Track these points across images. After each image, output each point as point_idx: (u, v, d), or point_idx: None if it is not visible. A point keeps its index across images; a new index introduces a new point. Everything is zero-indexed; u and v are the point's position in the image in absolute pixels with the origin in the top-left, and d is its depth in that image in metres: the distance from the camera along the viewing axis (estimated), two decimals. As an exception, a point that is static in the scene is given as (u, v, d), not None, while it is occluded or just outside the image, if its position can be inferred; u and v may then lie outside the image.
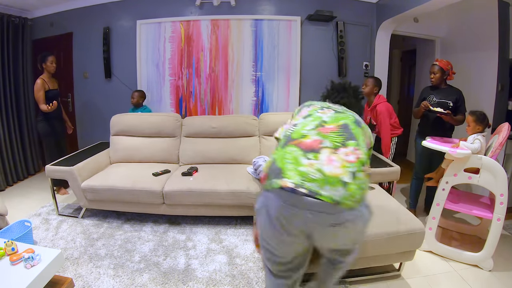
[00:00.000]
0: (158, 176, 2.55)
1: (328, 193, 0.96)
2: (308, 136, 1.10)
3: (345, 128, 1.13)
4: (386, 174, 2.38)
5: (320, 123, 1.15)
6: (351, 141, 1.08)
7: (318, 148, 1.04)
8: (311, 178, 0.98)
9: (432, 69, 2.47)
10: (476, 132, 2.07)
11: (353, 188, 0.98)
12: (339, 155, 1.03)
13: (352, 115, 1.24)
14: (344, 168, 1.00)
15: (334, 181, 0.97)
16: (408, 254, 1.79)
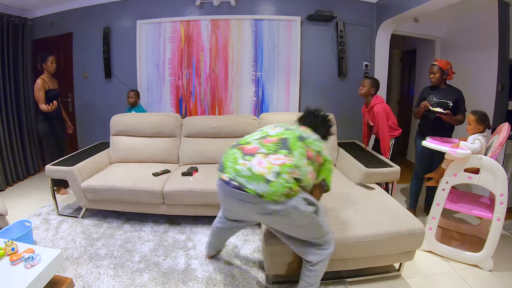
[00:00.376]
0: (158, 176, 2.56)
1: (253, 187, 1.24)
2: (250, 143, 1.41)
3: (283, 141, 1.39)
4: (386, 174, 2.39)
5: (265, 135, 1.46)
6: (283, 150, 1.34)
7: (254, 153, 1.33)
8: (242, 174, 1.27)
9: (431, 69, 2.47)
10: (476, 132, 2.06)
11: (276, 185, 1.24)
12: (268, 159, 1.30)
13: (299, 132, 1.48)
14: (269, 169, 1.26)
15: (259, 178, 1.25)
16: (408, 254, 1.79)
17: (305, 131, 1.55)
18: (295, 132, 1.47)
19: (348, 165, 2.63)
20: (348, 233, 1.65)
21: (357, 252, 1.67)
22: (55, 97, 2.93)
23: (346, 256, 1.68)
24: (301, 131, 1.52)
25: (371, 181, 2.36)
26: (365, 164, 2.40)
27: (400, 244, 1.71)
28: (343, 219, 1.77)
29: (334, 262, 1.65)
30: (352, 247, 1.64)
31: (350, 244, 1.63)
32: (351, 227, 1.69)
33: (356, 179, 2.40)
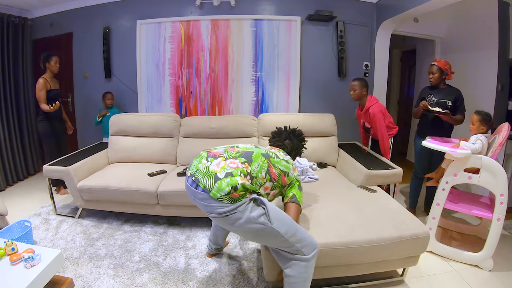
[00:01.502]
0: (153, 176, 2.55)
1: (203, 182, 1.33)
2: (217, 149, 1.52)
3: (247, 153, 1.48)
4: (388, 176, 2.33)
5: (233, 146, 1.57)
6: (242, 159, 1.43)
7: (217, 156, 1.43)
8: (200, 171, 1.38)
9: (430, 69, 2.47)
10: (479, 132, 2.06)
11: (221, 182, 1.30)
12: (226, 162, 1.39)
13: (266, 151, 1.57)
14: (222, 169, 1.35)
15: (211, 175, 1.34)
16: (412, 259, 1.73)
17: (274, 152, 1.61)
18: (262, 150, 1.55)
19: (349, 166, 2.59)
20: (351, 238, 1.60)
21: (359, 258, 1.62)
22: (56, 97, 2.93)
23: (348, 262, 1.63)
24: (269, 151, 1.59)
25: (372, 183, 2.30)
26: (366, 166, 2.36)
27: (403, 249, 1.64)
28: (345, 223, 1.71)
29: (335, 268, 1.63)
30: (355, 252, 1.58)
31: (352, 250, 1.57)
32: (353, 232, 1.64)
33: (358, 181, 2.35)
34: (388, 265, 1.73)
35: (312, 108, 3.47)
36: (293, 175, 1.60)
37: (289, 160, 1.64)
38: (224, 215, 1.31)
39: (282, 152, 1.68)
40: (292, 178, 1.59)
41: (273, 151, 1.63)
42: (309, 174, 2.44)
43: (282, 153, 1.65)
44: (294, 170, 1.63)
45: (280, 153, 1.64)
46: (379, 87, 3.54)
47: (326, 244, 1.55)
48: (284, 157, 1.62)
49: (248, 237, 1.56)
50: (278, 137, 1.83)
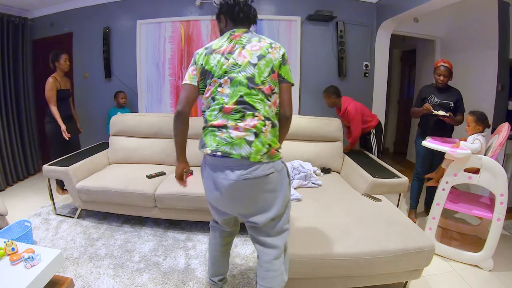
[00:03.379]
0: (152, 178, 2.53)
1: (237, 152, 1.19)
2: (217, 119, 1.27)
3: (241, 102, 1.24)
4: (394, 185, 2.24)
5: (221, 105, 1.27)
6: (248, 113, 1.23)
7: (225, 125, 1.24)
8: (223, 143, 1.21)
9: (441, 71, 2.39)
10: (476, 132, 2.07)
11: (256, 144, 1.20)
12: (241, 125, 1.22)
13: (244, 71, 1.26)
14: (246, 131, 1.21)
15: (240, 142, 1.20)
16: (415, 272, 1.67)
17: (244, 44, 1.29)
18: (240, 75, 1.25)
19: (353, 173, 2.50)
20: (352, 250, 1.55)
21: (361, 270, 1.57)
22: (66, 97, 2.89)
23: (348, 274, 1.58)
24: (241, 56, 1.27)
25: (377, 192, 2.22)
26: (372, 174, 2.28)
27: (407, 262, 1.58)
28: (346, 233, 1.66)
29: (336, 280, 1.60)
30: (356, 264, 1.54)
31: (354, 262, 1.53)
32: (355, 243, 1.59)
33: (362, 189, 2.27)
34: (390, 278, 1.67)
35: (311, 108, 3.47)
36: (280, 52, 1.31)
37: (258, 39, 1.32)
38: (263, 176, 1.22)
39: (242, 31, 1.34)
40: (284, 57, 1.32)
41: (240, 39, 1.31)
42: (312, 180, 2.41)
43: (245, 34, 1.33)
44: (275, 50, 1.30)
45: (246, 36, 1.32)
46: (379, 87, 3.54)
47: (326, 255, 1.52)
48: (256, 43, 1.30)
49: (266, 200, 1.29)
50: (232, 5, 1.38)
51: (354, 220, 1.81)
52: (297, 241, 1.59)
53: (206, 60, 1.31)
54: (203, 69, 1.31)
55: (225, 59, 1.28)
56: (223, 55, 1.29)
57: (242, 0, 1.38)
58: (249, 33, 1.36)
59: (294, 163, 2.54)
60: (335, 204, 2.04)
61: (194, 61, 1.35)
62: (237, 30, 1.35)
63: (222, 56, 1.28)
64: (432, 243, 1.62)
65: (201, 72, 1.32)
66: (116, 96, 3.38)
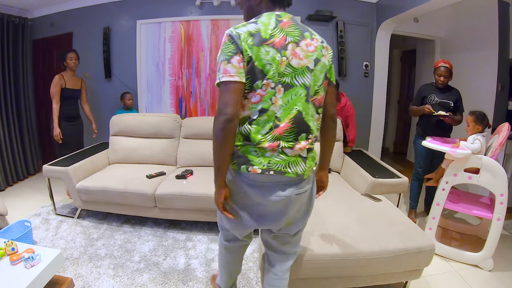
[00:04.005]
0: (152, 178, 2.53)
1: (292, 170, 1.07)
2: (265, 141, 1.11)
3: (296, 120, 1.07)
4: (394, 185, 2.25)
5: (273, 123, 1.06)
6: (302, 135, 1.08)
7: (279, 147, 1.08)
8: (277, 161, 1.06)
9: (442, 72, 2.40)
10: (475, 132, 2.07)
11: (308, 161, 1.11)
12: (297, 146, 1.08)
13: (303, 78, 1.06)
14: (301, 150, 1.08)
15: (295, 159, 1.07)
16: (415, 272, 1.66)
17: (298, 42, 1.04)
18: (298, 83, 1.04)
19: (353, 173, 2.50)
20: (353, 250, 1.55)
21: (362, 270, 1.57)
22: (72, 97, 2.88)
23: (349, 274, 1.58)
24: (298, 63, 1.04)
25: (377, 192, 2.22)
26: (372, 174, 2.28)
27: (407, 261, 1.58)
28: (347, 233, 1.66)
29: (336, 280, 1.60)
30: (356, 264, 1.53)
31: (354, 262, 1.53)
32: (355, 243, 1.58)
33: (362, 189, 2.27)
34: (390, 278, 1.66)
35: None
36: (328, 50, 1.13)
37: (312, 38, 1.08)
38: (308, 191, 1.16)
39: (290, 20, 1.06)
40: (331, 58, 1.14)
41: (290, 31, 1.04)
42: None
43: (296, 28, 1.06)
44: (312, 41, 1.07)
45: (298, 32, 1.05)
46: (379, 87, 3.54)
47: (326, 255, 1.52)
48: (310, 41, 1.06)
49: (307, 220, 1.26)
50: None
51: (354, 220, 1.81)
52: (297, 241, 1.59)
53: (257, 53, 0.97)
54: (251, 64, 0.98)
55: (280, 56, 1.00)
56: (278, 50, 1.00)
57: None
58: (295, 20, 1.08)
59: None
60: (335, 204, 2.04)
61: (238, 48, 0.97)
62: (283, 14, 1.06)
63: (277, 52, 0.99)
64: (432, 243, 1.62)
65: (249, 68, 0.99)
66: (123, 97, 3.32)
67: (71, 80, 2.88)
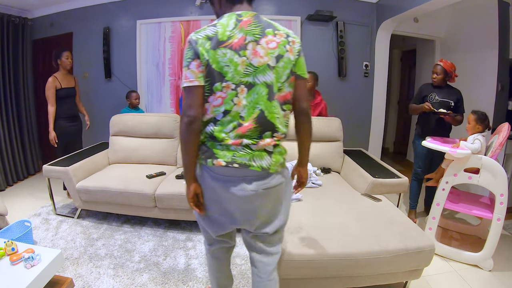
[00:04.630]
0: (152, 178, 2.53)
1: (257, 163, 1.07)
2: (228, 139, 1.14)
3: (260, 118, 1.07)
4: (394, 185, 2.23)
5: (237, 122, 1.07)
6: (267, 133, 1.09)
7: (242, 143, 1.08)
8: (240, 154, 1.06)
9: (435, 69, 2.44)
10: (475, 131, 2.07)
11: (277, 156, 1.11)
12: (261, 143, 1.08)
13: (261, 77, 1.06)
14: (267, 145, 1.08)
15: (260, 153, 1.07)
16: (416, 272, 1.66)
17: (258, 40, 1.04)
18: (259, 82, 1.05)
19: (354, 173, 2.49)
20: (352, 249, 1.54)
21: (362, 270, 1.56)
22: (69, 96, 2.87)
23: (349, 274, 1.58)
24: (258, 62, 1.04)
25: (377, 192, 2.21)
26: (372, 174, 2.27)
27: (407, 262, 1.58)
28: (347, 233, 1.66)
29: (336, 280, 1.60)
30: (356, 264, 1.53)
31: (354, 261, 1.52)
32: (355, 243, 1.58)
33: (362, 189, 2.26)
34: (390, 278, 1.66)
35: (312, 108, 3.48)
36: (298, 44, 1.15)
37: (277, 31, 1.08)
38: (278, 186, 1.13)
39: (252, 16, 1.08)
40: (299, 53, 1.15)
41: (252, 29, 1.04)
42: (312, 180, 2.41)
43: (257, 24, 1.06)
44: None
45: (259, 27, 1.06)
46: (379, 87, 3.54)
47: (326, 255, 1.51)
48: (276, 36, 1.07)
49: (285, 219, 1.24)
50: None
51: (354, 220, 1.81)
52: (297, 241, 1.59)
53: (214, 57, 1.01)
54: (209, 67, 1.03)
55: (238, 56, 1.01)
56: (236, 51, 1.01)
57: None
58: (258, 17, 1.08)
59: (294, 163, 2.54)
60: (335, 204, 2.04)
61: (195, 53, 1.04)
62: (244, 13, 1.07)
63: (235, 54, 1.01)
64: (432, 243, 1.62)
65: (208, 71, 1.03)
66: (129, 96, 3.27)
67: (65, 79, 2.86)
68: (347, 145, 3.31)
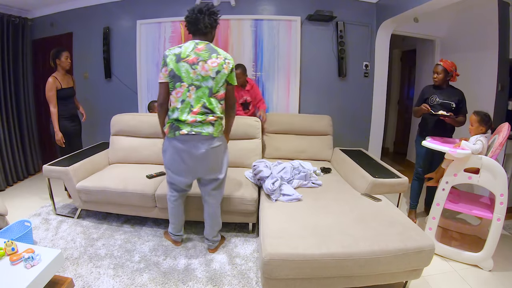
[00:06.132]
0: (152, 178, 2.53)
1: (206, 130, 1.76)
2: (185, 124, 1.82)
3: (204, 108, 1.77)
4: (394, 185, 2.24)
5: (188, 109, 1.77)
6: (209, 115, 1.77)
7: (197, 114, 1.77)
8: (196, 125, 1.75)
9: (435, 69, 2.44)
10: (479, 133, 2.06)
11: (216, 125, 1.80)
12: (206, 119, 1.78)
13: (205, 83, 1.75)
14: (212, 118, 1.79)
15: (207, 123, 1.77)
16: (415, 272, 1.67)
17: (206, 59, 1.71)
18: (203, 85, 1.73)
19: (353, 173, 2.49)
20: (352, 249, 1.55)
21: (362, 270, 1.56)
22: (68, 96, 2.86)
23: (350, 273, 1.57)
24: (204, 72, 1.72)
25: (377, 192, 2.22)
26: (372, 174, 2.28)
27: (407, 261, 1.58)
28: (347, 233, 1.66)
29: (335, 280, 1.60)
30: (356, 264, 1.53)
31: (353, 261, 1.53)
32: (355, 243, 1.58)
33: (362, 189, 2.27)
34: (390, 278, 1.66)
35: (312, 108, 3.47)
36: (230, 62, 1.80)
37: (216, 54, 1.75)
38: (218, 147, 1.82)
39: (203, 43, 1.77)
40: (232, 67, 1.82)
41: (203, 51, 1.73)
42: (312, 180, 2.41)
43: (206, 48, 1.75)
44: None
45: (207, 52, 1.74)
46: (379, 87, 3.54)
47: (326, 255, 1.52)
48: (215, 59, 1.74)
49: (227, 169, 1.98)
50: (194, 20, 1.76)
51: (354, 220, 1.81)
52: (297, 241, 1.59)
53: (176, 67, 1.70)
54: (173, 72, 1.71)
55: (191, 69, 1.70)
56: (190, 65, 1.70)
57: (198, 17, 1.74)
58: (209, 46, 1.76)
59: (294, 163, 2.55)
60: (335, 204, 2.04)
61: (165, 63, 1.73)
62: (200, 42, 1.76)
63: (190, 66, 1.70)
64: (432, 243, 1.62)
65: (171, 74, 1.72)
66: (151, 107, 3.23)
67: (64, 79, 2.85)
68: (347, 145, 3.33)
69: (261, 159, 2.67)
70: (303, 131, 3.16)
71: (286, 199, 2.08)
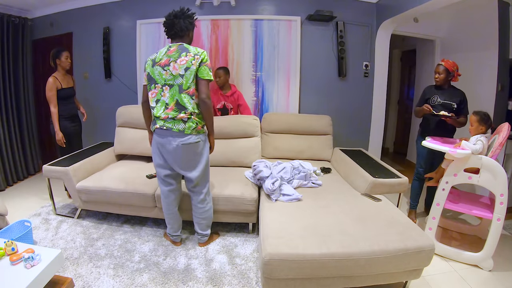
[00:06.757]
0: (152, 178, 2.53)
1: (176, 127, 1.86)
2: (160, 119, 1.94)
3: (178, 104, 1.86)
4: (394, 185, 2.24)
5: (164, 106, 1.89)
6: (182, 111, 1.85)
7: (170, 111, 1.88)
8: (169, 122, 1.86)
9: (437, 69, 2.44)
10: (479, 132, 2.06)
11: (189, 123, 1.87)
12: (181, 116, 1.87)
13: (175, 80, 1.84)
14: (185, 114, 1.86)
15: (179, 121, 1.86)
16: (415, 272, 1.67)
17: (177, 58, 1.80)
18: (175, 84, 1.82)
19: (353, 173, 2.49)
20: (352, 249, 1.55)
21: (362, 270, 1.56)
22: (69, 96, 2.86)
23: (350, 273, 1.58)
24: (174, 69, 1.81)
25: (377, 192, 2.22)
26: (371, 174, 2.29)
27: (407, 261, 1.58)
28: (347, 233, 1.66)
29: (335, 280, 1.60)
30: (356, 264, 1.54)
31: (354, 261, 1.53)
32: (355, 243, 1.58)
33: (362, 189, 2.27)
34: (390, 278, 1.66)
35: (312, 108, 3.47)
36: (201, 58, 1.82)
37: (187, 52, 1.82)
38: (194, 144, 1.88)
39: (176, 45, 1.85)
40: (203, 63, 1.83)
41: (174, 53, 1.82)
42: (312, 180, 2.41)
43: (178, 48, 1.84)
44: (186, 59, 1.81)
45: (178, 51, 1.83)
46: (379, 87, 3.54)
47: (326, 255, 1.52)
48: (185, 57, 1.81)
49: (203, 169, 1.99)
50: (170, 24, 1.88)
51: (354, 220, 1.81)
52: (297, 241, 1.59)
53: (152, 70, 1.86)
54: (149, 76, 1.89)
55: (163, 70, 1.82)
56: (162, 68, 1.82)
57: (174, 21, 1.85)
58: (180, 46, 1.85)
59: (294, 163, 2.55)
60: (335, 204, 2.04)
61: (145, 68, 1.92)
62: (172, 45, 1.87)
63: (162, 69, 1.83)
64: (432, 243, 1.62)
65: (148, 78, 1.90)
66: None
67: (64, 79, 2.84)
68: (347, 145, 3.33)
69: (261, 159, 2.66)
70: (303, 131, 3.15)
71: (286, 199, 2.08)
